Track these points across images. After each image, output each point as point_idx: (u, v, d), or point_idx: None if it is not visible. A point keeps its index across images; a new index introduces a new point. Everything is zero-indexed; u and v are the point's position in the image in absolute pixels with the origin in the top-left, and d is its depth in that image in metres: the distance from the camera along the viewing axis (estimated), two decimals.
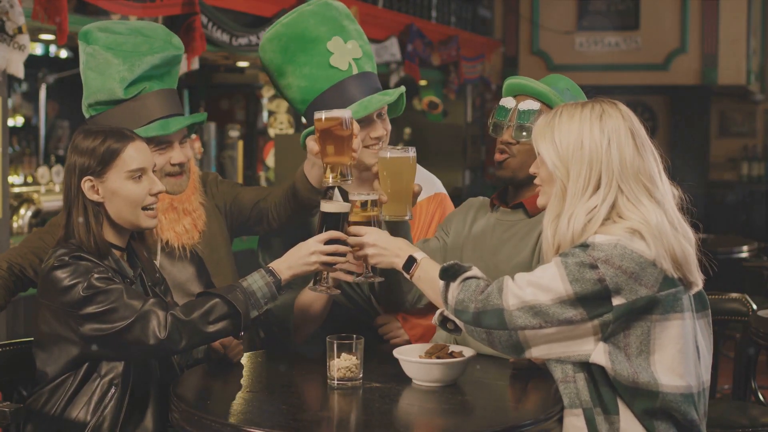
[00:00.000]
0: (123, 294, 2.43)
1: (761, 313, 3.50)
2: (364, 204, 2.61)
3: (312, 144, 2.72)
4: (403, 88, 3.03)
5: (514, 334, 2.23)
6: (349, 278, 2.67)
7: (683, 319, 2.25)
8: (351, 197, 2.61)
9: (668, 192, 2.34)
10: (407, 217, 2.67)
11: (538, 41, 10.52)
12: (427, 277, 2.44)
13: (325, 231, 2.57)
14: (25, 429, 2.53)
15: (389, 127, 3.03)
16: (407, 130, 9.66)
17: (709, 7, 10.06)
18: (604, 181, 2.28)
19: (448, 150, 9.51)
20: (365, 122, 2.91)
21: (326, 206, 2.60)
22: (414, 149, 2.68)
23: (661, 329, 2.22)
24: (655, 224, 2.24)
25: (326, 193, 2.76)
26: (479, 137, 10.07)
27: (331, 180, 2.63)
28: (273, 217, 2.99)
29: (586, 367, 2.25)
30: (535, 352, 2.25)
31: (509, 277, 2.27)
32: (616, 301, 2.19)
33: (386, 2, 8.02)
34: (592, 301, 2.19)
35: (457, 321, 2.35)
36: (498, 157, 2.80)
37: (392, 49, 7.75)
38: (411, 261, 2.48)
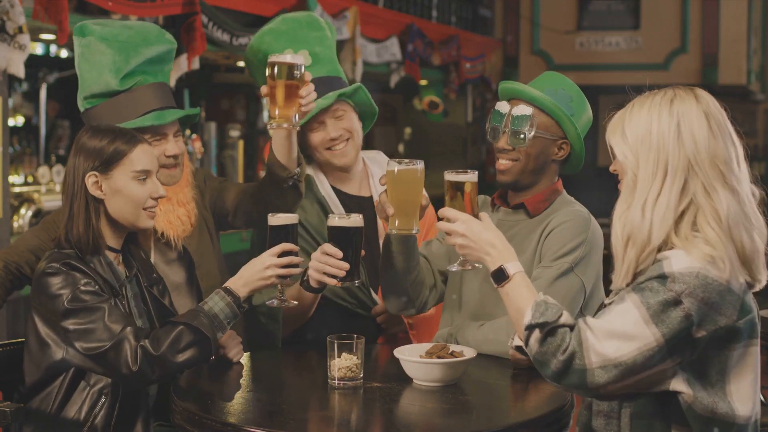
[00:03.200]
0: (105, 314, 2.42)
1: (761, 313, 3.50)
2: (457, 186, 2.49)
3: (263, 89, 2.73)
4: (351, 87, 3.08)
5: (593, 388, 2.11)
6: (334, 282, 2.65)
7: (758, 345, 2.17)
8: (446, 176, 2.50)
9: (745, 179, 2.20)
10: (414, 231, 2.62)
11: (539, 41, 10.52)
12: (513, 303, 2.25)
13: (276, 244, 2.57)
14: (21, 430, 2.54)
15: (351, 125, 3.11)
16: (407, 130, 9.67)
17: (710, 7, 10.06)
18: (672, 165, 2.15)
19: (448, 150, 9.52)
20: (317, 125, 3.06)
21: (273, 219, 2.61)
22: (422, 162, 2.60)
23: (739, 357, 2.12)
24: (725, 216, 2.11)
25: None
26: (479, 137, 10.07)
27: (285, 125, 2.67)
28: (252, 207, 3.00)
29: (635, 400, 2.17)
30: (611, 392, 2.13)
31: (587, 327, 2.10)
32: (698, 333, 2.08)
33: (387, 2, 8.02)
34: (678, 340, 2.07)
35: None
36: (500, 165, 2.78)
37: (393, 48, 7.76)
38: (502, 274, 2.29)
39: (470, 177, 2.51)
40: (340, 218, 2.68)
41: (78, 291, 2.44)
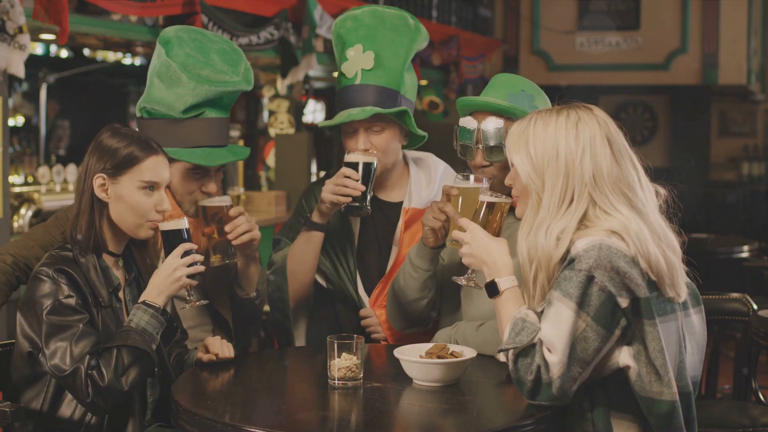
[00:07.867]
0: (75, 336, 2.42)
1: (762, 313, 3.50)
2: (486, 202, 2.53)
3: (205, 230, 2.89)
4: (394, 109, 3.02)
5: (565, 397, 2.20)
6: (347, 200, 2.88)
7: (676, 320, 2.23)
8: (482, 198, 2.55)
9: (650, 199, 2.27)
10: None
11: (539, 41, 10.52)
12: (500, 319, 2.34)
13: (174, 247, 2.59)
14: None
15: (385, 143, 3.05)
16: None
17: (710, 7, 10.05)
18: (577, 192, 2.22)
19: (448, 150, 9.51)
20: (352, 132, 3.03)
21: (164, 225, 2.63)
22: (486, 181, 2.63)
23: (662, 331, 2.17)
24: (635, 231, 2.17)
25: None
26: None
27: (217, 262, 2.83)
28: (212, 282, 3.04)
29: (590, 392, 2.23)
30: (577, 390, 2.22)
31: (545, 347, 2.17)
32: (623, 303, 2.14)
33: (387, 2, 8.01)
34: (608, 316, 2.14)
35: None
36: None
37: None
38: (494, 289, 2.35)
39: (505, 199, 2.54)
40: (355, 154, 2.96)
41: (57, 303, 2.44)
